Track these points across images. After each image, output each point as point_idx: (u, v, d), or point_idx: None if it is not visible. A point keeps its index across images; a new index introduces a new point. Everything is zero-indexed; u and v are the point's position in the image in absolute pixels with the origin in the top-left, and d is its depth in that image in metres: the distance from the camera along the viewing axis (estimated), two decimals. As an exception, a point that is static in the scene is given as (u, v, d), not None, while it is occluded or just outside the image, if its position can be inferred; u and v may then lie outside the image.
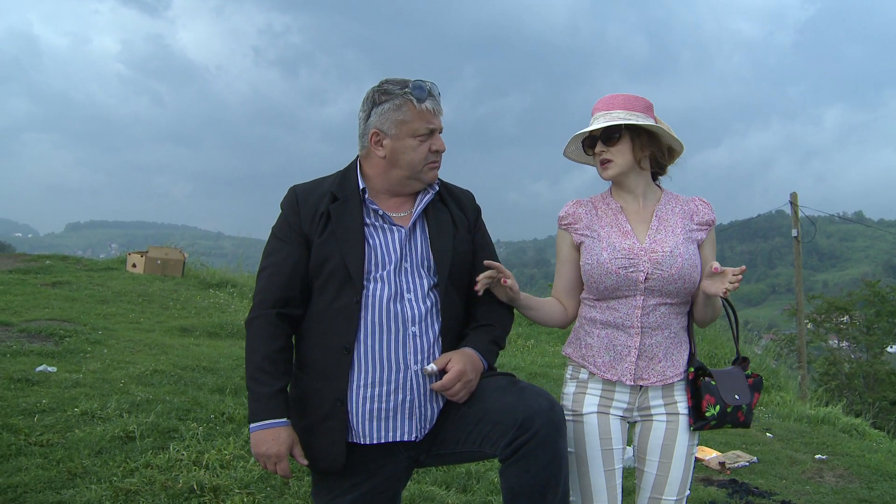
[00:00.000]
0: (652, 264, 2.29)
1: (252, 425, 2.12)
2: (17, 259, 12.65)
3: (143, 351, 6.77)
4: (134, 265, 12.35)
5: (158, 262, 12.30)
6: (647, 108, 2.37)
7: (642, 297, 2.31)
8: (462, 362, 2.10)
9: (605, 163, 2.38)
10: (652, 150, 2.38)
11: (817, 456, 6.04)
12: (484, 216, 2.47)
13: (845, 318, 27.10)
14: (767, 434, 6.81)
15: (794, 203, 17.81)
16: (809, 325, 25.13)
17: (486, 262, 2.20)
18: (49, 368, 5.58)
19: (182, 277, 12.25)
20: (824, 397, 11.79)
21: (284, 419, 2.12)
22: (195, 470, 3.89)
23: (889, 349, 27.29)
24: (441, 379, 2.11)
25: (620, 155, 2.36)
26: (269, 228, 2.30)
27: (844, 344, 26.80)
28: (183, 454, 4.07)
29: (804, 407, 9.23)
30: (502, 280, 2.25)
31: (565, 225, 2.46)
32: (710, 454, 5.61)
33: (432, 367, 2.12)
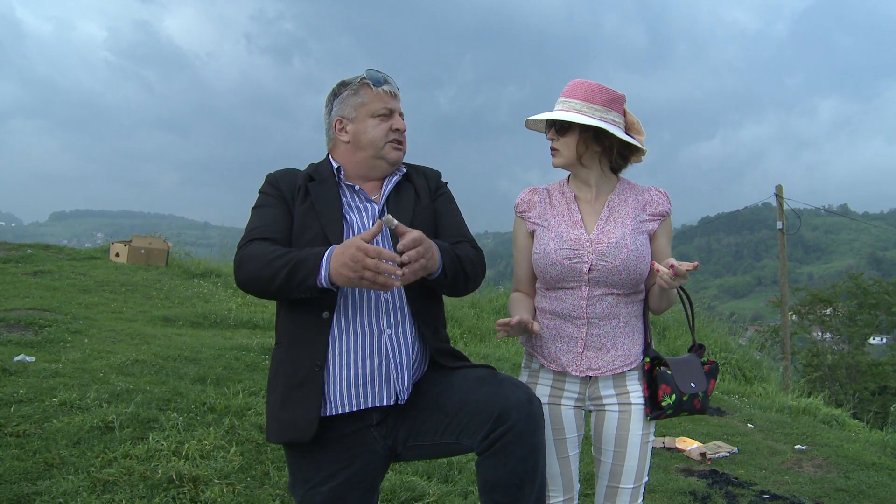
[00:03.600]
0: (596, 255, 2.30)
1: (322, 276, 1.96)
2: (-1, 248, 12.53)
3: (124, 341, 6.73)
4: (117, 254, 12.26)
5: (142, 251, 12.22)
6: (611, 101, 2.33)
7: (587, 288, 2.32)
8: (421, 237, 2.00)
9: (553, 151, 2.40)
10: (600, 148, 2.36)
11: (797, 446, 6.09)
12: (474, 206, 2.49)
13: (829, 310, 27.37)
14: (749, 425, 6.87)
15: (779, 196, 17.92)
16: (794, 317, 25.36)
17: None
18: (27, 358, 5.53)
19: (166, 267, 12.19)
20: (806, 388, 11.91)
21: (333, 246, 2.00)
22: (175, 460, 3.86)
23: (871, 341, 27.61)
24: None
25: (566, 147, 2.36)
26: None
27: (828, 335, 27.06)
28: (163, 444, 4.05)
29: (786, 398, 9.32)
30: (530, 327, 2.23)
31: (520, 213, 2.49)
32: (691, 444, 5.65)
33: (392, 220, 1.97)
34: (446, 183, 2.46)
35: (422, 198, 2.32)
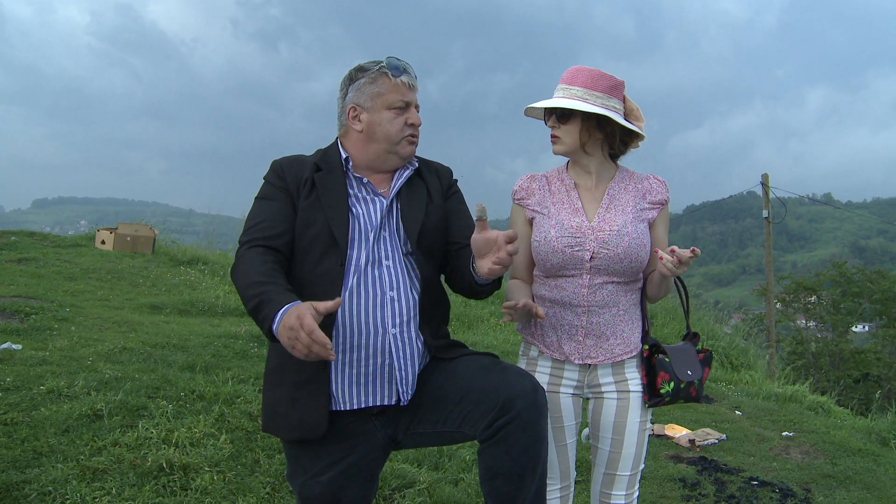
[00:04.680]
0: (598, 243, 2.29)
1: (275, 325, 1.86)
2: (-19, 235, 12.38)
3: (111, 328, 6.67)
4: (103, 242, 12.15)
5: (128, 238, 12.11)
6: (612, 88, 2.32)
7: (588, 276, 2.31)
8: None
9: (554, 138, 2.38)
10: (602, 135, 2.35)
11: (784, 433, 6.14)
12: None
13: (813, 299, 27.56)
14: (736, 412, 6.92)
15: (765, 184, 18.00)
16: (778, 305, 25.52)
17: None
18: (14, 346, 5.48)
19: (152, 254, 12.09)
20: (792, 376, 12.00)
21: (298, 302, 1.90)
22: (164, 448, 3.84)
23: (854, 328, 27.86)
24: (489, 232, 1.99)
25: (569, 135, 2.34)
26: (242, 206, 2.27)
27: (812, 323, 27.27)
28: (152, 432, 4.02)
29: (772, 385, 9.39)
30: (534, 311, 2.21)
31: (518, 199, 2.47)
32: (680, 432, 5.68)
33: (482, 206, 1.96)
34: (457, 181, 2.43)
35: (434, 197, 2.29)
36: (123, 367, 5.21)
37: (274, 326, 1.85)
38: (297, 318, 1.77)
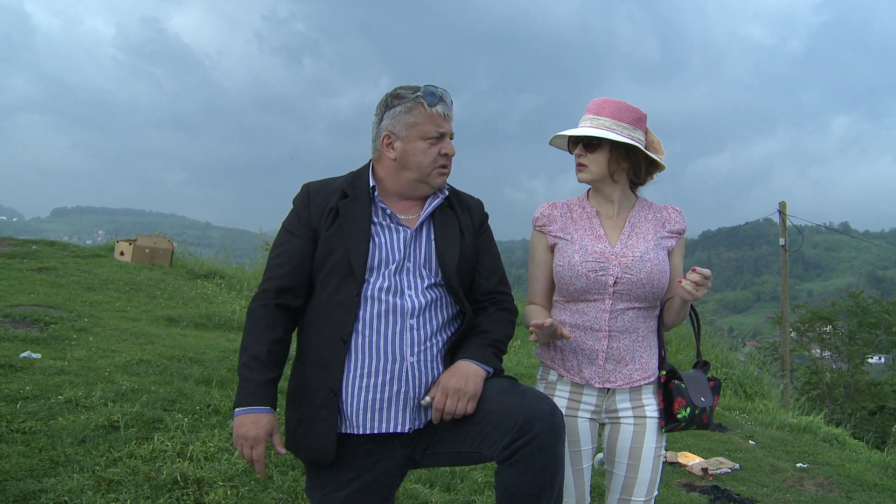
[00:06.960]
0: (621, 268, 2.34)
1: (237, 410, 2.15)
2: (3, 243, 12.52)
3: (129, 340, 6.73)
4: (122, 253, 12.27)
5: (147, 250, 12.23)
6: (637, 120, 2.39)
7: (611, 301, 2.36)
8: (445, 379, 2.12)
9: (580, 166, 2.43)
10: (628, 164, 2.41)
11: (798, 464, 6.08)
12: None
13: (828, 328, 27.29)
14: (750, 441, 6.86)
15: (782, 212, 17.94)
16: (793, 334, 25.29)
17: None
18: (33, 355, 5.54)
19: (170, 267, 12.19)
20: (806, 406, 11.87)
21: (269, 408, 2.15)
22: (179, 461, 3.87)
23: (870, 360, 27.53)
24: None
25: (595, 163, 2.40)
26: (259, 220, 2.33)
27: (827, 353, 26.99)
28: (167, 445, 4.06)
29: (786, 415, 9.30)
30: (560, 332, 2.28)
31: (539, 226, 2.52)
32: (693, 460, 5.64)
33: (427, 398, 2.14)
34: (488, 215, 2.46)
35: (466, 235, 2.33)
36: (140, 379, 5.26)
37: (235, 411, 2.15)
38: (252, 441, 2.10)
